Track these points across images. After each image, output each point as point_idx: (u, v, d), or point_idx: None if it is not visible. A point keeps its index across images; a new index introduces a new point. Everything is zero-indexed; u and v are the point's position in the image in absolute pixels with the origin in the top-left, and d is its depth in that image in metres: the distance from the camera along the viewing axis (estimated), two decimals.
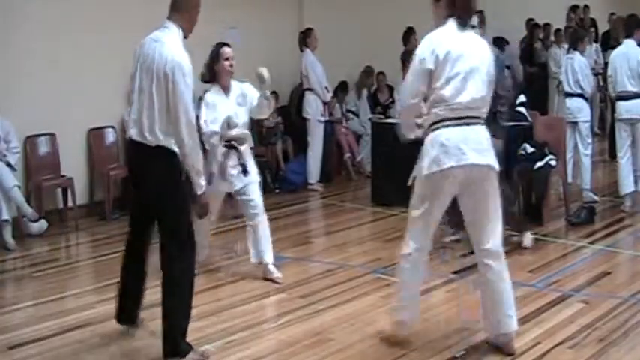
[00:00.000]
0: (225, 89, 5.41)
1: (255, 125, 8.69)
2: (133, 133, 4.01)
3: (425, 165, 3.92)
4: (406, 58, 9.53)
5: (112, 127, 7.79)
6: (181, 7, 4.04)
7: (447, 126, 3.86)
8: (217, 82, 5.41)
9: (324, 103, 8.92)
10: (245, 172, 5.38)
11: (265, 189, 8.55)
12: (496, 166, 3.96)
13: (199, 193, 3.99)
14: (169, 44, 3.91)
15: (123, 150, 7.73)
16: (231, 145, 5.35)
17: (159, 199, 4.00)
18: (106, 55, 7.22)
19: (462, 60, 3.83)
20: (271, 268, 5.42)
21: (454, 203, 4.09)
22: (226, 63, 5.35)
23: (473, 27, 4.07)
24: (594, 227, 6.76)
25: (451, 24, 3.90)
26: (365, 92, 10.08)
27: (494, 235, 3.98)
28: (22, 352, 4.26)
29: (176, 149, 3.94)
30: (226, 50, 5.38)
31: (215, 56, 5.36)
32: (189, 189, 4.00)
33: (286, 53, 9.21)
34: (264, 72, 5.12)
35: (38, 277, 5.73)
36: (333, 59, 9.20)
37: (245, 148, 5.43)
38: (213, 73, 5.39)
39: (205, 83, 5.44)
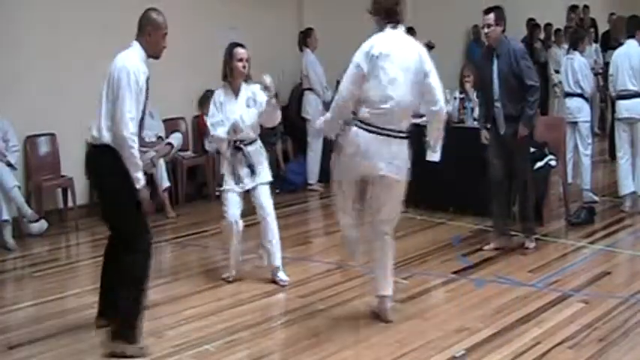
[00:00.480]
0: (235, 90, 5.39)
1: None
2: (88, 136, 4.30)
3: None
4: None
5: None
6: (140, 30, 4.36)
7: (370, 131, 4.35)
8: (228, 82, 5.38)
9: (324, 103, 8.91)
10: (253, 172, 5.37)
11: None
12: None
13: (137, 187, 4.09)
14: (125, 56, 4.23)
15: None
16: (237, 146, 5.34)
17: (105, 197, 4.31)
18: (106, 55, 7.18)
19: (392, 61, 4.33)
20: (277, 272, 5.40)
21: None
22: (239, 64, 5.32)
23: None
24: (594, 227, 6.76)
25: (388, 30, 4.46)
26: None
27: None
28: (22, 352, 4.26)
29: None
30: (240, 51, 5.35)
31: (228, 56, 5.35)
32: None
33: (286, 53, 9.22)
34: (267, 79, 5.08)
35: (38, 277, 5.73)
36: (333, 59, 9.19)
37: (254, 149, 5.42)
38: (226, 72, 5.37)
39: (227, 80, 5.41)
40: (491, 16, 5.83)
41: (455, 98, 7.42)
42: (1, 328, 4.63)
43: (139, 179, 4.10)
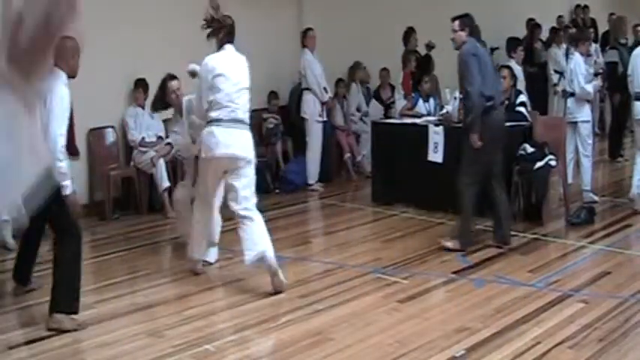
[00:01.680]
0: (181, 112, 5.93)
1: (255, 125, 8.71)
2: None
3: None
4: (406, 57, 9.56)
5: (112, 127, 7.80)
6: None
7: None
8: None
9: (322, 104, 8.92)
10: None
11: (265, 189, 8.59)
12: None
13: (65, 193, 4.47)
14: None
15: (123, 150, 7.74)
16: None
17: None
18: (106, 55, 7.22)
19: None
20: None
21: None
22: (173, 96, 5.92)
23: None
24: (594, 227, 6.76)
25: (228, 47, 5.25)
26: (355, 87, 9.93)
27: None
28: (22, 352, 4.26)
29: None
30: (173, 84, 5.94)
31: (162, 87, 6.00)
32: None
33: (286, 53, 9.21)
34: (194, 67, 5.65)
35: (38, 277, 5.71)
36: (332, 59, 9.20)
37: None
38: (165, 104, 6.07)
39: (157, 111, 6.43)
40: (457, 23, 6.19)
41: (455, 98, 7.43)
42: (1, 328, 4.62)
43: (65, 187, 4.47)
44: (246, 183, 5.19)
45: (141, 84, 7.85)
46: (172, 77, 5.98)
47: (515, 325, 4.46)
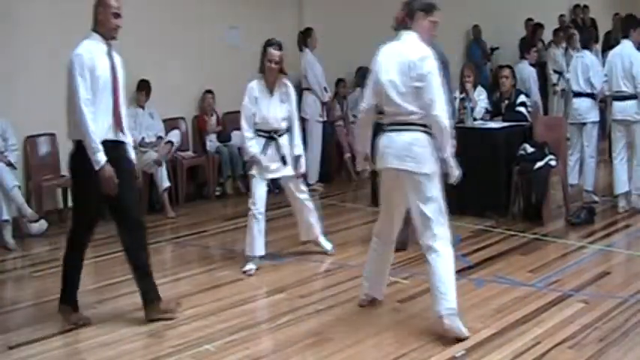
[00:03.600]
0: (271, 86, 5.75)
1: None
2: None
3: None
4: None
5: None
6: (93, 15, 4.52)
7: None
8: (264, 77, 5.75)
9: (323, 104, 8.91)
10: (285, 163, 5.77)
11: None
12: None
13: (97, 168, 4.28)
14: (78, 47, 4.39)
15: None
16: (272, 136, 5.72)
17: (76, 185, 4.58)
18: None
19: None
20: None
21: None
22: (269, 64, 5.68)
23: None
24: (594, 227, 6.76)
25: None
26: (360, 91, 9.99)
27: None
28: (22, 352, 4.26)
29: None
30: (272, 52, 5.71)
31: (263, 53, 5.74)
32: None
33: (286, 53, 9.20)
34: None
35: (38, 277, 5.73)
36: (332, 59, 9.20)
37: (283, 141, 5.77)
38: (262, 67, 5.74)
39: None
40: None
41: (455, 98, 7.43)
42: (1, 328, 4.63)
43: (98, 161, 4.29)
44: None
45: (144, 85, 7.85)
46: (274, 44, 5.81)
47: (515, 325, 4.46)
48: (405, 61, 4.28)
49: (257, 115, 5.67)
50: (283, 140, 5.77)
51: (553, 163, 6.80)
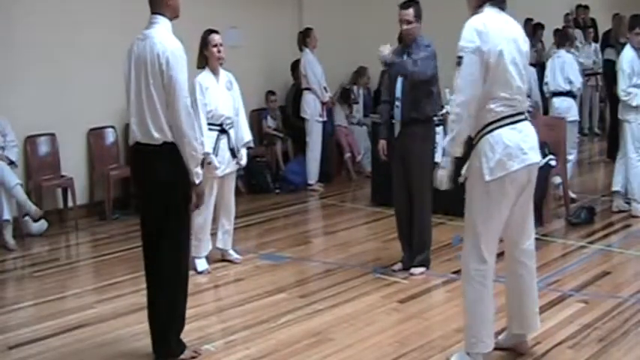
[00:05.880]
0: (215, 73, 5.66)
1: (255, 126, 8.72)
2: (137, 135, 3.96)
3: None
4: None
5: (112, 127, 7.79)
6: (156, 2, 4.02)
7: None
8: (208, 67, 5.65)
9: (323, 103, 8.91)
10: (234, 156, 5.67)
11: (265, 189, 8.60)
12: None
13: (197, 182, 3.92)
14: (158, 38, 3.87)
15: (123, 150, 7.74)
16: (223, 129, 5.62)
17: (165, 198, 3.96)
18: (106, 54, 7.22)
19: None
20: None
21: None
22: (214, 49, 5.58)
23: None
24: (594, 227, 6.76)
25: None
26: (356, 90, 9.97)
27: (530, 234, 4.04)
28: (22, 352, 4.26)
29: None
30: (215, 37, 5.61)
31: (204, 43, 5.62)
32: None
33: (286, 53, 9.22)
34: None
35: (38, 277, 5.73)
36: (333, 59, 9.20)
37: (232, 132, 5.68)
38: (203, 59, 5.64)
39: (198, 69, 5.67)
40: (411, 11, 5.26)
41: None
42: (1, 328, 4.63)
43: (200, 174, 3.92)
44: None
45: None
46: (215, 31, 5.65)
47: None
48: (518, 36, 3.65)
49: (209, 106, 5.52)
50: (232, 132, 5.67)
51: (553, 163, 6.79)
